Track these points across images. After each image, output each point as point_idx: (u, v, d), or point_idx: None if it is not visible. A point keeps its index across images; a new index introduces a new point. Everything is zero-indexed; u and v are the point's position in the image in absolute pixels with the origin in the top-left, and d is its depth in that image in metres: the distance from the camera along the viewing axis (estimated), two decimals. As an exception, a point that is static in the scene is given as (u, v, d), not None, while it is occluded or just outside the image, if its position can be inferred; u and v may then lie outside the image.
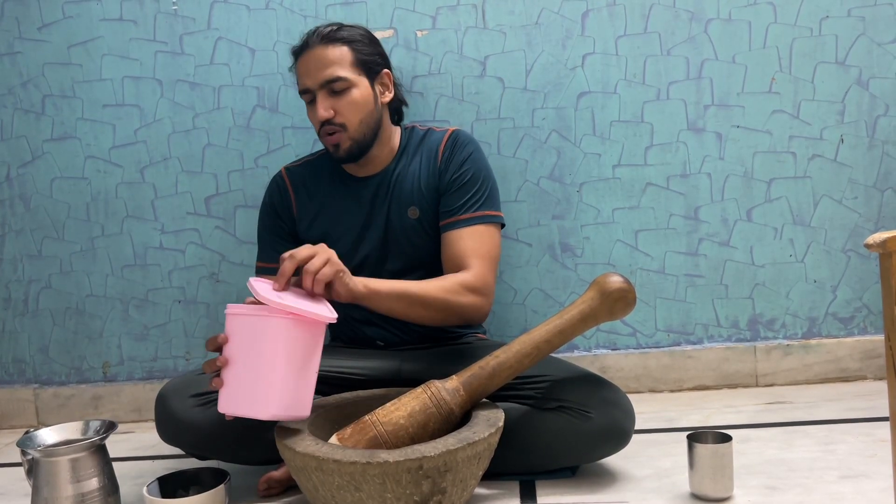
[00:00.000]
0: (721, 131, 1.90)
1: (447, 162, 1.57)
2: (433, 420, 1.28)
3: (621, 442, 1.41)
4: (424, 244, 1.59)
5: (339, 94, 1.51)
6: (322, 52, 1.51)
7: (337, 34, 1.52)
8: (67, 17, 1.91)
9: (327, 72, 1.50)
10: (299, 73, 1.54)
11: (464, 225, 1.52)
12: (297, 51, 1.56)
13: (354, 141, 1.53)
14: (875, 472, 1.39)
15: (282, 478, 1.44)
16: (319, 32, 1.53)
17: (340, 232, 1.60)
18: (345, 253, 1.54)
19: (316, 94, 1.51)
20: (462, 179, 1.55)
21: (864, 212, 1.91)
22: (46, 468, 1.29)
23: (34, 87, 1.94)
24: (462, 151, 1.58)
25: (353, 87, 1.51)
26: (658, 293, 1.94)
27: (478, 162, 1.58)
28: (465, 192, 1.54)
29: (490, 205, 1.56)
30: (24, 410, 2.02)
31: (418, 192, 1.58)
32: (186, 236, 1.96)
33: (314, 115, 1.54)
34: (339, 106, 1.51)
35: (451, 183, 1.56)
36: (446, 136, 1.61)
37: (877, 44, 1.86)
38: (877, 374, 1.92)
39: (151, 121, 1.93)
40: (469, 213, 1.53)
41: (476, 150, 1.59)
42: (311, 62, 1.51)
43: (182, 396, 1.42)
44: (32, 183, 1.97)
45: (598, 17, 1.87)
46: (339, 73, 1.50)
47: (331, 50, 1.51)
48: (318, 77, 1.50)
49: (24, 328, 2.01)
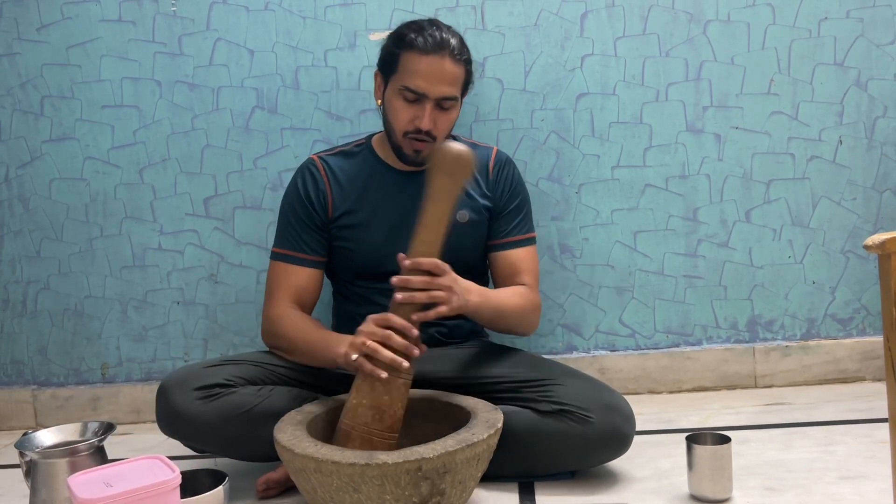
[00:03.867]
0: (720, 132, 1.90)
1: (498, 181, 1.64)
2: (391, 386, 1.28)
3: (621, 448, 1.41)
4: (461, 246, 1.60)
5: (444, 110, 1.52)
6: (451, 67, 1.49)
7: (463, 54, 1.52)
8: (66, 17, 1.91)
9: (449, 90, 1.50)
10: (419, 71, 1.48)
11: (517, 246, 1.62)
12: (419, 45, 1.49)
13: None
14: (874, 473, 1.39)
15: (280, 479, 1.44)
16: (449, 42, 1.50)
17: (378, 222, 1.59)
18: (379, 243, 1.56)
19: (426, 102, 1.49)
20: (513, 202, 1.64)
21: (863, 213, 1.91)
22: (44, 470, 1.29)
23: (33, 87, 1.94)
24: (512, 174, 1.65)
25: (455, 108, 1.54)
26: (657, 294, 1.94)
27: (523, 185, 1.68)
28: (516, 215, 1.64)
29: (532, 225, 1.68)
30: (23, 412, 2.01)
31: (470, 199, 1.60)
32: (185, 237, 1.96)
33: (407, 114, 1.51)
34: (439, 120, 1.51)
35: (503, 204, 1.63)
36: (494, 154, 1.66)
37: (875, 45, 1.86)
38: (875, 376, 1.93)
39: (150, 122, 1.93)
40: (520, 235, 1.63)
41: (519, 173, 1.68)
42: (438, 72, 1.48)
43: (184, 389, 1.41)
44: (31, 184, 1.97)
45: (596, 19, 1.87)
46: (455, 93, 1.52)
47: (457, 68, 1.51)
48: (439, 90, 1.49)
49: (22, 329, 2.01)
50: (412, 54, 1.49)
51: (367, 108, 1.90)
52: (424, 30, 1.51)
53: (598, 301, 1.94)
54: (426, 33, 1.50)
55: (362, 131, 1.88)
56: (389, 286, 1.32)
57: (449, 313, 1.34)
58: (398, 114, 1.52)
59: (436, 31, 1.51)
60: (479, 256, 1.65)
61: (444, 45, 1.49)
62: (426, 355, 1.57)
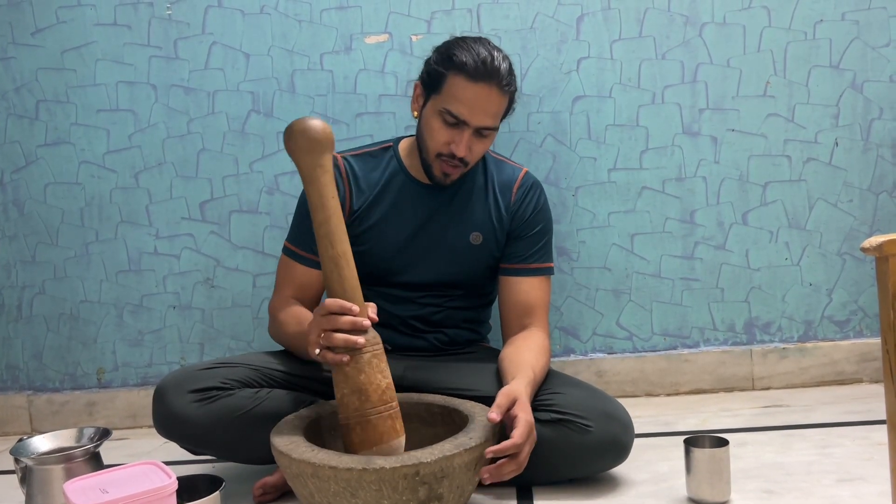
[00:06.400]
0: (716, 135, 1.90)
1: (520, 204, 1.60)
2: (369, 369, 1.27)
3: (620, 456, 1.41)
4: (472, 268, 1.60)
5: (482, 137, 1.49)
6: (497, 98, 1.45)
7: (511, 85, 1.47)
8: (61, 21, 1.91)
9: (490, 121, 1.47)
10: (464, 98, 1.43)
11: (531, 274, 1.58)
12: (468, 70, 1.43)
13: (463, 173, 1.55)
14: (872, 476, 1.39)
15: (277, 483, 1.43)
16: (499, 70, 1.44)
17: (391, 229, 1.58)
18: (390, 250, 1.56)
19: (465, 129, 1.45)
20: (533, 228, 1.60)
21: (860, 215, 1.91)
22: (40, 476, 1.28)
23: (28, 92, 1.93)
24: (537, 199, 1.61)
25: (492, 136, 1.52)
26: (654, 297, 1.94)
27: (547, 213, 1.63)
28: (535, 242, 1.59)
29: (550, 255, 1.63)
30: (18, 417, 2.00)
31: (488, 222, 1.58)
32: (181, 241, 1.95)
33: (443, 136, 1.47)
34: (475, 148, 1.49)
35: (522, 228, 1.59)
36: (521, 176, 1.62)
37: (871, 47, 1.86)
38: (873, 377, 1.93)
39: (146, 126, 1.93)
40: (536, 264, 1.59)
41: (546, 200, 1.64)
42: (484, 103, 1.44)
43: (181, 392, 1.40)
44: (26, 188, 1.96)
45: (592, 22, 1.87)
46: (496, 124, 1.49)
47: (501, 99, 1.46)
48: (481, 120, 1.45)
49: (17, 334, 2.00)
50: (459, 79, 1.43)
51: (363, 112, 1.90)
52: (475, 52, 1.44)
53: (595, 304, 1.94)
54: (477, 57, 1.43)
55: (358, 135, 1.89)
56: (397, 293, 1.31)
57: None
58: (435, 134, 1.48)
59: (487, 58, 1.43)
60: (488, 278, 1.63)
61: (494, 74, 1.43)
62: (431, 363, 1.57)
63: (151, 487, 1.13)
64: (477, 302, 1.66)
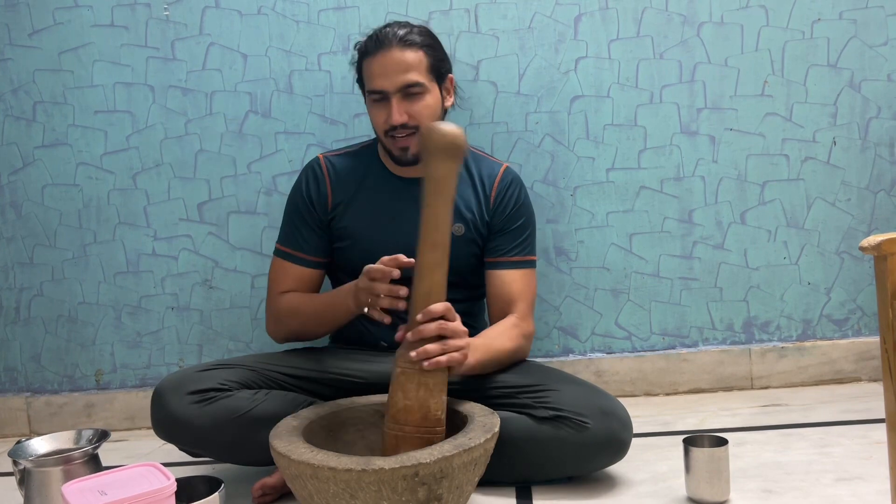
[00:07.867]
0: (714, 134, 1.90)
1: (501, 199, 1.61)
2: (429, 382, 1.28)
3: (619, 453, 1.41)
4: (456, 259, 1.59)
5: (413, 98, 1.51)
6: (401, 56, 1.50)
7: (414, 38, 1.52)
8: (58, 23, 1.90)
9: (406, 77, 1.49)
10: (373, 73, 1.51)
11: (513, 267, 1.59)
12: (369, 49, 1.53)
13: None
14: (871, 475, 1.39)
15: (276, 484, 1.43)
16: (395, 33, 1.51)
17: (371, 223, 1.59)
18: (371, 244, 1.56)
19: (390, 96, 1.50)
20: (514, 223, 1.61)
21: (858, 214, 1.91)
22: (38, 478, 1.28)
23: (25, 93, 1.93)
24: (517, 194, 1.63)
25: (427, 93, 1.52)
26: (653, 296, 1.94)
27: (528, 207, 1.65)
28: (517, 236, 1.61)
29: (533, 248, 1.65)
30: (16, 419, 2.00)
31: (469, 213, 1.59)
32: (179, 243, 1.95)
33: (381, 115, 1.53)
34: (412, 110, 1.51)
35: (504, 223, 1.61)
36: (501, 171, 1.63)
37: (868, 46, 1.87)
38: (871, 376, 1.93)
39: (143, 127, 1.93)
40: (518, 257, 1.60)
41: (527, 195, 1.66)
42: (389, 64, 1.49)
43: (179, 393, 1.40)
44: (24, 190, 1.96)
45: (590, 21, 1.87)
46: (417, 78, 1.50)
47: (409, 54, 1.50)
48: (396, 81, 1.49)
49: (15, 336, 2.00)
50: (366, 60, 1.53)
51: (361, 112, 1.89)
52: (374, 33, 1.54)
53: (593, 304, 1.94)
54: (374, 36, 1.53)
55: (356, 135, 1.88)
56: None
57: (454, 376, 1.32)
58: (374, 117, 1.56)
59: (380, 31, 1.53)
60: (474, 271, 1.63)
61: (387, 39, 1.51)
62: None
63: (150, 489, 1.13)
64: (467, 294, 1.64)
